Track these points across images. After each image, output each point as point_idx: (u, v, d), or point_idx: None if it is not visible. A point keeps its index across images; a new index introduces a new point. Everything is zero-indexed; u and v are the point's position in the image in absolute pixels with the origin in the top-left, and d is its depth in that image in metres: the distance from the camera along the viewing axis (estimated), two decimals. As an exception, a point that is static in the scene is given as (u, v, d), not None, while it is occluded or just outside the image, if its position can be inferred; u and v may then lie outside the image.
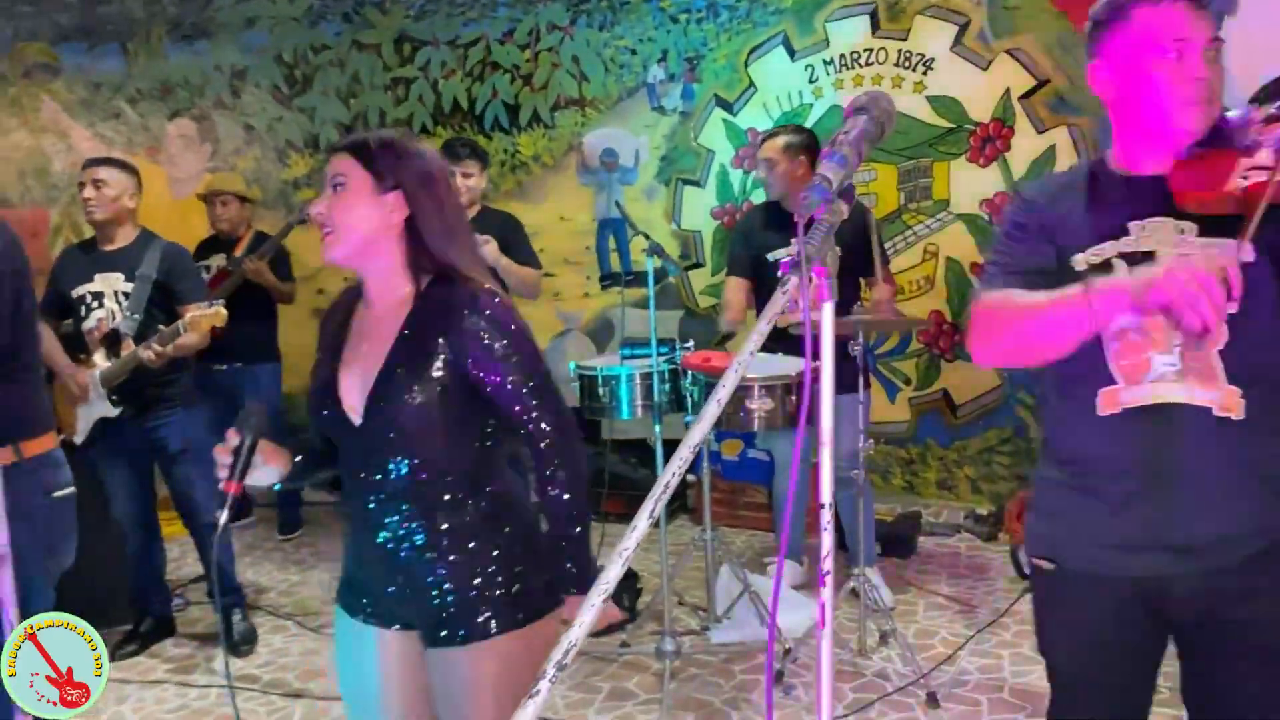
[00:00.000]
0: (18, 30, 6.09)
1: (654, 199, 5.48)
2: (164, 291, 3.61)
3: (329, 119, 5.91)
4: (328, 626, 4.02)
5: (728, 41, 5.21)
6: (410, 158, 1.77)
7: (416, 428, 1.70)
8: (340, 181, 1.73)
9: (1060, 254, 1.66)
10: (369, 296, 1.81)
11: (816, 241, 1.01)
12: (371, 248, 1.74)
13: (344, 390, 1.77)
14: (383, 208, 1.73)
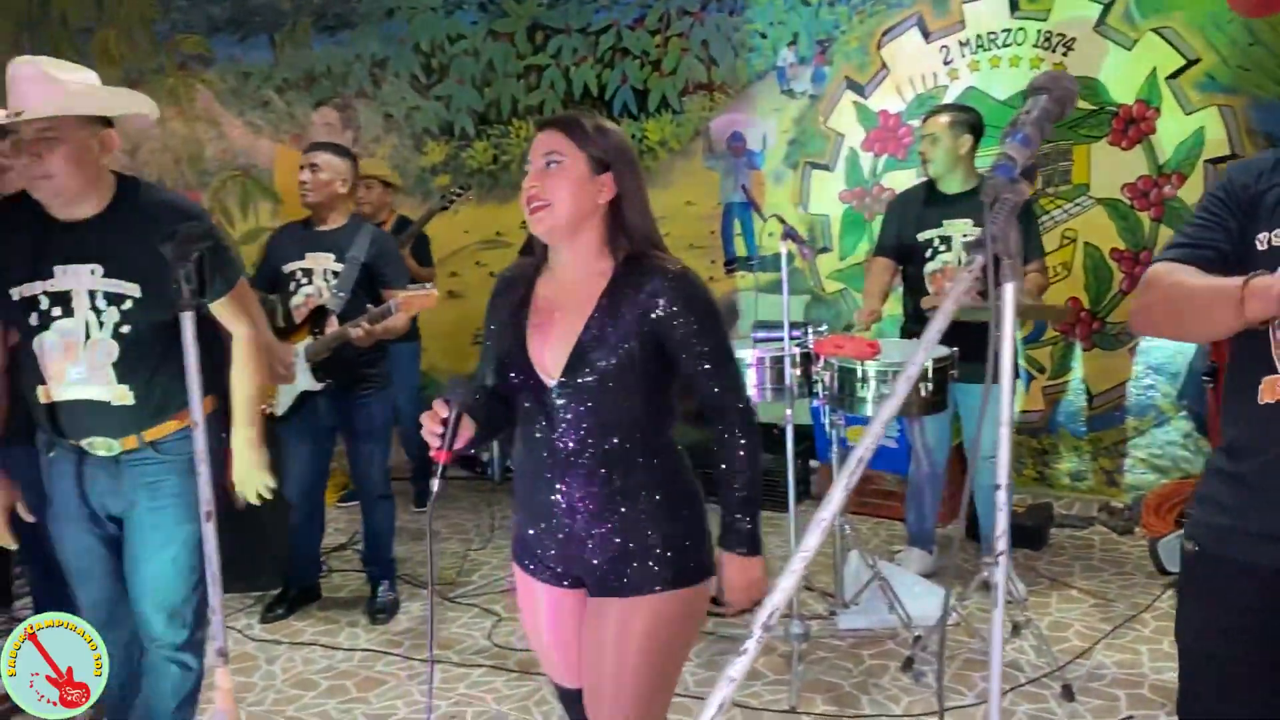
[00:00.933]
0: (174, 23, 6.43)
1: (781, 183, 5.47)
2: (369, 274, 3.78)
3: (464, 107, 6.06)
4: (462, 596, 4.17)
5: (860, 24, 5.15)
6: (619, 141, 1.87)
7: (608, 392, 1.82)
8: (557, 159, 1.81)
9: (1245, 233, 1.63)
10: (560, 268, 1.92)
11: (1001, 221, 1.02)
12: (578, 224, 1.84)
13: (535, 353, 1.89)
14: (595, 187, 1.84)
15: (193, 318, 1.53)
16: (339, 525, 5.01)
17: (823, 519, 0.86)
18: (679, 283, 1.83)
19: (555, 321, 1.89)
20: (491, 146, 6.07)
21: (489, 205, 6.05)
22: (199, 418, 1.52)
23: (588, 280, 1.88)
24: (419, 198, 6.02)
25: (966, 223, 3.90)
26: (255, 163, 6.43)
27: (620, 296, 1.84)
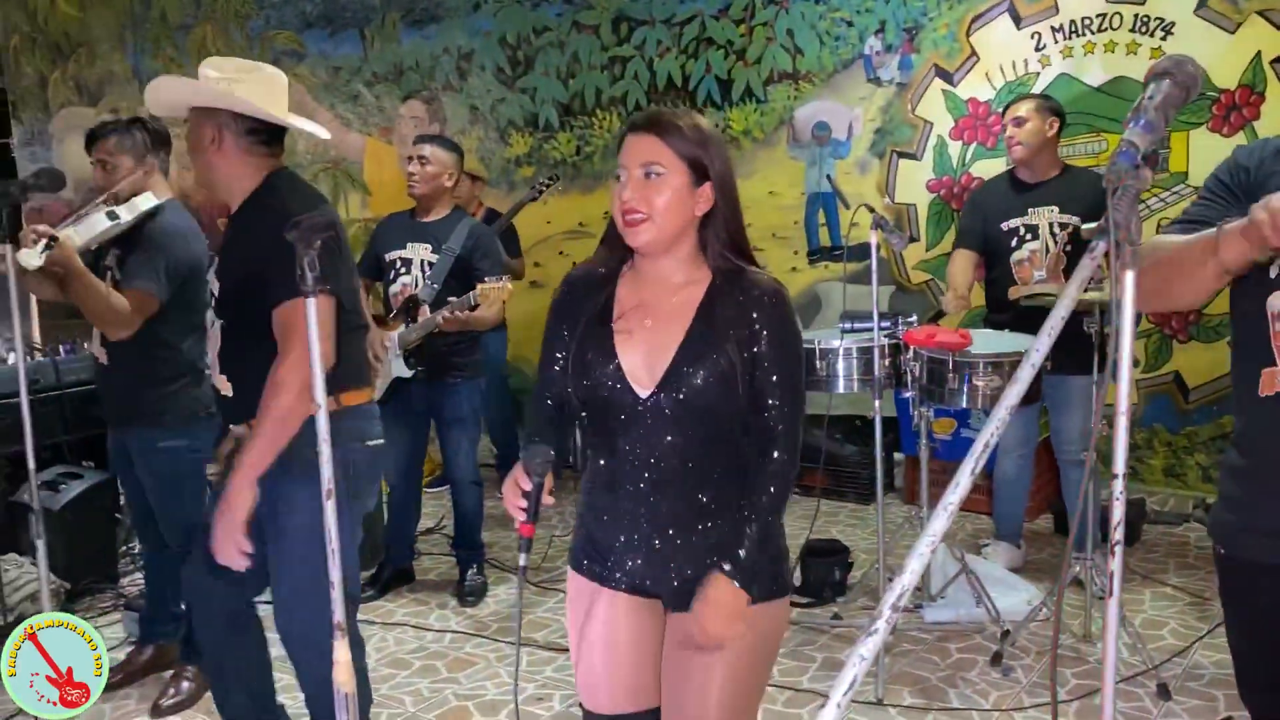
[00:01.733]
0: (268, 19, 6.61)
1: (867, 172, 5.42)
2: (464, 266, 3.86)
3: (548, 99, 6.13)
4: (548, 583, 4.23)
5: (949, 10, 5.08)
6: (719, 148, 1.79)
7: (702, 404, 1.76)
8: (658, 171, 1.74)
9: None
10: (651, 274, 1.85)
11: (1124, 208, 1.01)
12: (678, 234, 1.78)
13: (626, 360, 1.81)
14: (694, 199, 1.77)
15: (315, 304, 1.57)
16: (426, 509, 5.10)
17: (950, 503, 0.87)
18: (776, 300, 1.79)
19: (649, 330, 1.82)
20: (575, 138, 6.12)
21: (572, 195, 6.11)
22: (322, 399, 1.57)
23: (682, 288, 1.82)
24: (504, 189, 6.11)
25: (1053, 210, 3.84)
26: (345, 155, 6.57)
27: (718, 308, 1.79)
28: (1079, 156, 4.78)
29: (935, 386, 3.47)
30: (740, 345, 1.77)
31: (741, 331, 1.77)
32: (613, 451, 1.84)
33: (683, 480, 1.80)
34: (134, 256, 3.00)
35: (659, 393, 1.77)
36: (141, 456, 3.13)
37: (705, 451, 1.79)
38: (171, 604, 3.40)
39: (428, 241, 3.90)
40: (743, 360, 1.77)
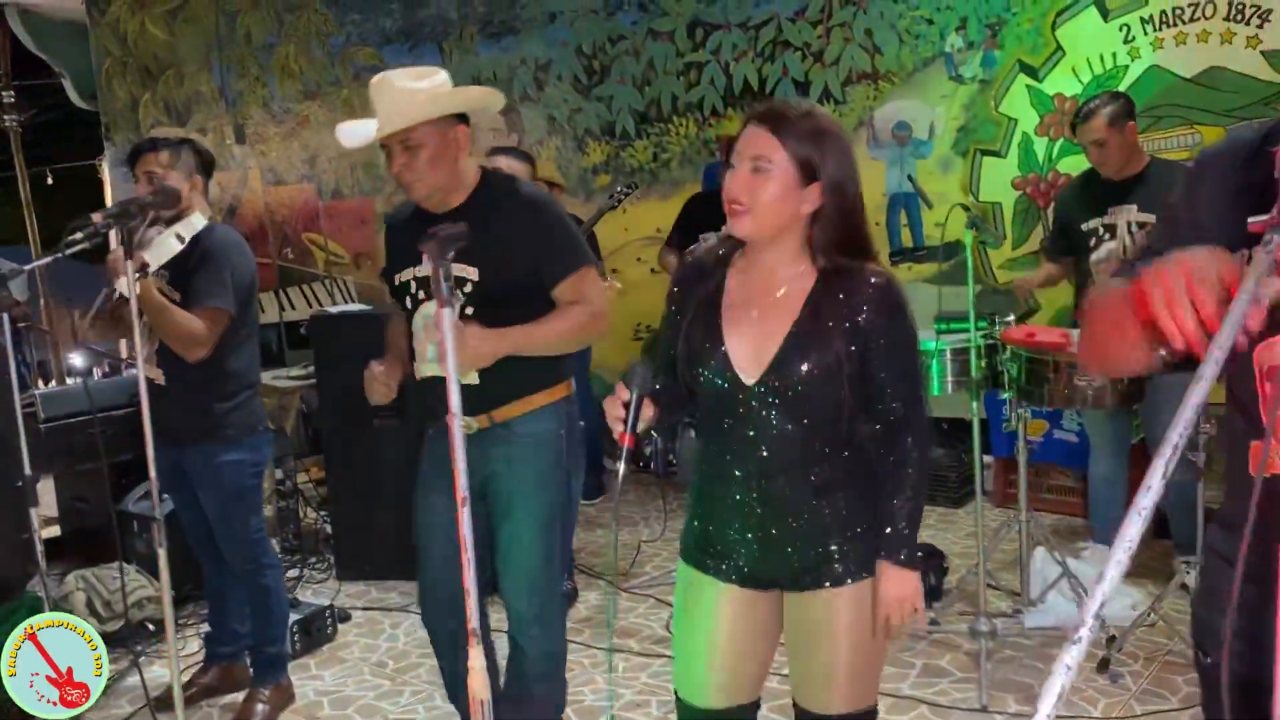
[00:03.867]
0: (349, 36, 6.74)
1: (949, 171, 5.34)
2: None
3: (625, 107, 6.15)
4: (637, 587, 4.24)
5: (1033, 4, 4.98)
6: (834, 146, 1.78)
7: (809, 395, 1.80)
8: (764, 167, 1.75)
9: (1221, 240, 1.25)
10: (756, 269, 1.88)
11: (1294, 203, 0.98)
12: (781, 230, 1.80)
13: (733, 350, 1.85)
14: (800, 197, 1.77)
15: (450, 314, 1.60)
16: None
17: (1144, 507, 0.85)
18: (885, 293, 1.80)
19: (756, 320, 1.85)
20: (652, 145, 6.13)
21: (649, 202, 6.12)
22: (457, 407, 1.59)
23: (791, 280, 1.84)
24: (582, 198, 6.14)
25: (1131, 209, 3.76)
26: (425, 167, 6.66)
27: (826, 301, 1.80)
28: (1173, 150, 4.66)
29: (1035, 387, 3.41)
30: (848, 339, 1.79)
31: (849, 325, 1.79)
32: (722, 438, 1.89)
33: (792, 464, 1.84)
34: (200, 275, 3.00)
35: (765, 382, 1.81)
36: (204, 473, 3.13)
37: (811, 435, 1.83)
38: (235, 622, 3.45)
39: None
40: (849, 354, 1.80)
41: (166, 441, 2.87)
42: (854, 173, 1.82)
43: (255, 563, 3.22)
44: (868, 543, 1.88)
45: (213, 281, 3.01)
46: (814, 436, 1.83)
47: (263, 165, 7.29)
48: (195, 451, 3.12)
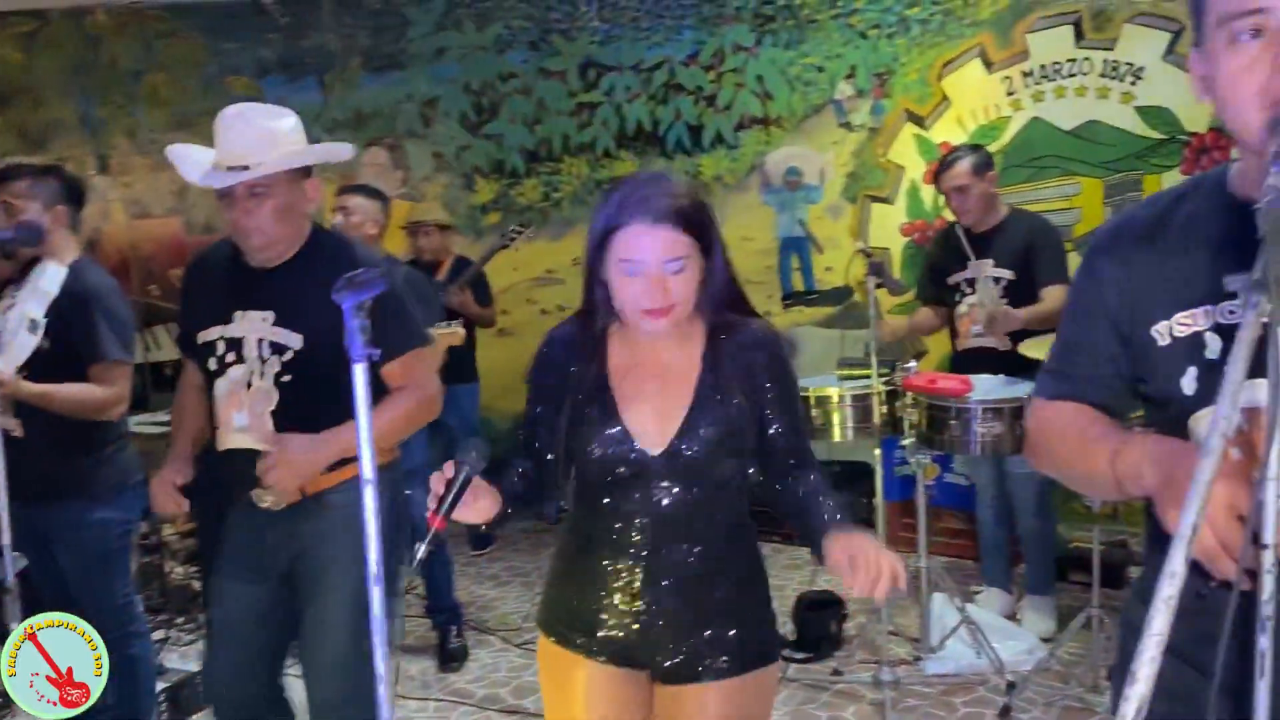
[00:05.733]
0: (223, 66, 6.45)
1: (839, 217, 5.40)
2: None
3: (515, 145, 6.04)
4: (531, 644, 4.06)
5: (920, 55, 5.10)
6: (710, 213, 1.77)
7: (713, 460, 1.76)
8: (679, 267, 1.69)
9: (1136, 321, 1.31)
10: (646, 338, 1.80)
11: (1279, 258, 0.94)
12: None
13: (635, 425, 1.77)
14: (702, 272, 1.75)
15: (365, 369, 1.45)
16: (398, 569, 4.93)
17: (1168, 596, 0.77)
18: (775, 348, 1.81)
19: (654, 392, 1.79)
20: (542, 184, 6.04)
21: (540, 242, 6.00)
22: (371, 474, 1.43)
23: (679, 344, 1.80)
24: (471, 237, 5.99)
25: (989, 263, 3.88)
26: (304, 203, 6.41)
27: (721, 359, 1.79)
28: (1053, 199, 4.81)
29: (935, 433, 3.41)
30: (747, 397, 1.77)
31: (746, 384, 1.78)
32: (607, 512, 1.80)
33: (685, 540, 1.78)
34: (89, 328, 2.76)
35: (672, 450, 1.75)
36: (67, 534, 2.84)
37: (710, 508, 1.78)
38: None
39: None
40: (750, 412, 1.77)
41: (23, 499, 2.54)
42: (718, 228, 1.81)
43: (121, 631, 2.93)
44: (750, 634, 1.82)
45: (104, 334, 2.76)
46: (711, 508, 1.78)
47: (127, 198, 6.89)
48: (59, 510, 2.82)
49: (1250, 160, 1.22)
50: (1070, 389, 1.41)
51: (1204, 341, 1.24)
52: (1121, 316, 1.34)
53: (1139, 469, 1.19)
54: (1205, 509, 0.90)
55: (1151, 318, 1.29)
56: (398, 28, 6.11)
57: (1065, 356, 1.43)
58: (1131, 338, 1.32)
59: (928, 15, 5.05)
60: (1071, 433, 1.37)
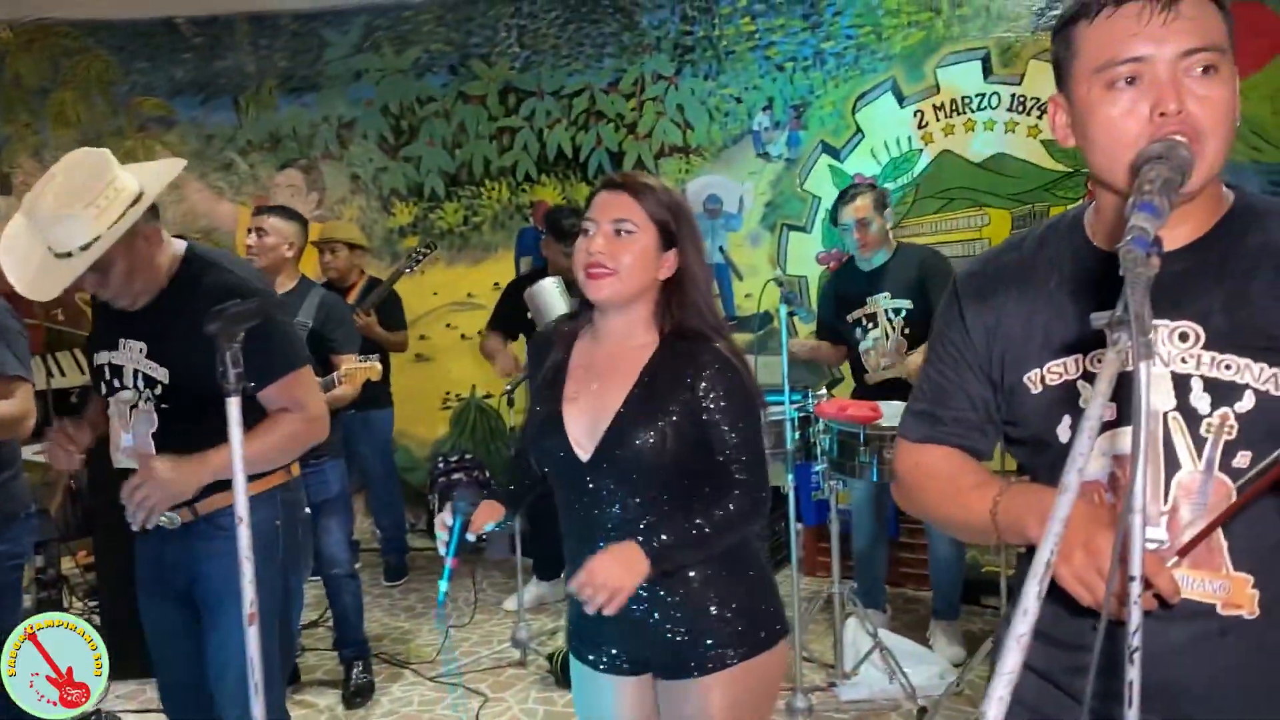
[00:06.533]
0: (135, 85, 6.30)
1: (759, 245, 5.46)
2: (318, 340, 3.62)
3: (434, 168, 6.00)
4: (445, 676, 4.00)
5: (835, 88, 5.20)
6: (687, 216, 1.83)
7: (645, 468, 1.75)
8: (629, 228, 1.77)
9: (1007, 368, 1.32)
10: (604, 336, 1.86)
11: (1139, 298, 0.97)
12: (635, 296, 1.80)
13: (571, 425, 1.81)
14: (660, 263, 1.80)
15: (238, 403, 1.41)
16: (306, 600, 4.79)
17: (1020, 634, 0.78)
18: (722, 363, 1.78)
19: (593, 393, 1.82)
20: (463, 208, 6.00)
21: (459, 266, 5.97)
22: (243, 511, 1.39)
23: (631, 352, 1.82)
24: (387, 259, 5.91)
25: (885, 295, 3.94)
26: (217, 225, 6.27)
27: (662, 371, 1.79)
28: (962, 230, 4.92)
29: (845, 460, 3.45)
30: (688, 408, 1.76)
31: (688, 395, 1.76)
32: (572, 516, 1.85)
33: (640, 541, 1.75)
34: None
35: (598, 457, 1.77)
36: None
37: (655, 512, 1.78)
38: None
39: None
40: (692, 423, 1.76)
41: None
42: (702, 246, 1.85)
43: None
44: (745, 622, 1.82)
45: (3, 351, 2.69)
46: (660, 513, 1.77)
47: None
48: None
49: (1109, 202, 1.25)
50: (940, 433, 1.41)
51: (1077, 390, 1.26)
52: (992, 363, 1.35)
53: (1022, 521, 1.21)
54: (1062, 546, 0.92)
55: (1022, 366, 1.30)
56: (315, 49, 6.03)
57: (933, 399, 1.42)
58: (1002, 384, 1.34)
59: (842, 49, 5.15)
60: (943, 479, 1.38)
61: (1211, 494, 1.17)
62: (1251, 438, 1.15)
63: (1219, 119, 1.16)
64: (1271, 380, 1.16)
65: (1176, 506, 1.19)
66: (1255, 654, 1.16)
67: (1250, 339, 1.16)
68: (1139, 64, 1.17)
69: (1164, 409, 1.20)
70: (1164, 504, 1.19)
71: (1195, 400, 1.18)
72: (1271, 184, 4.45)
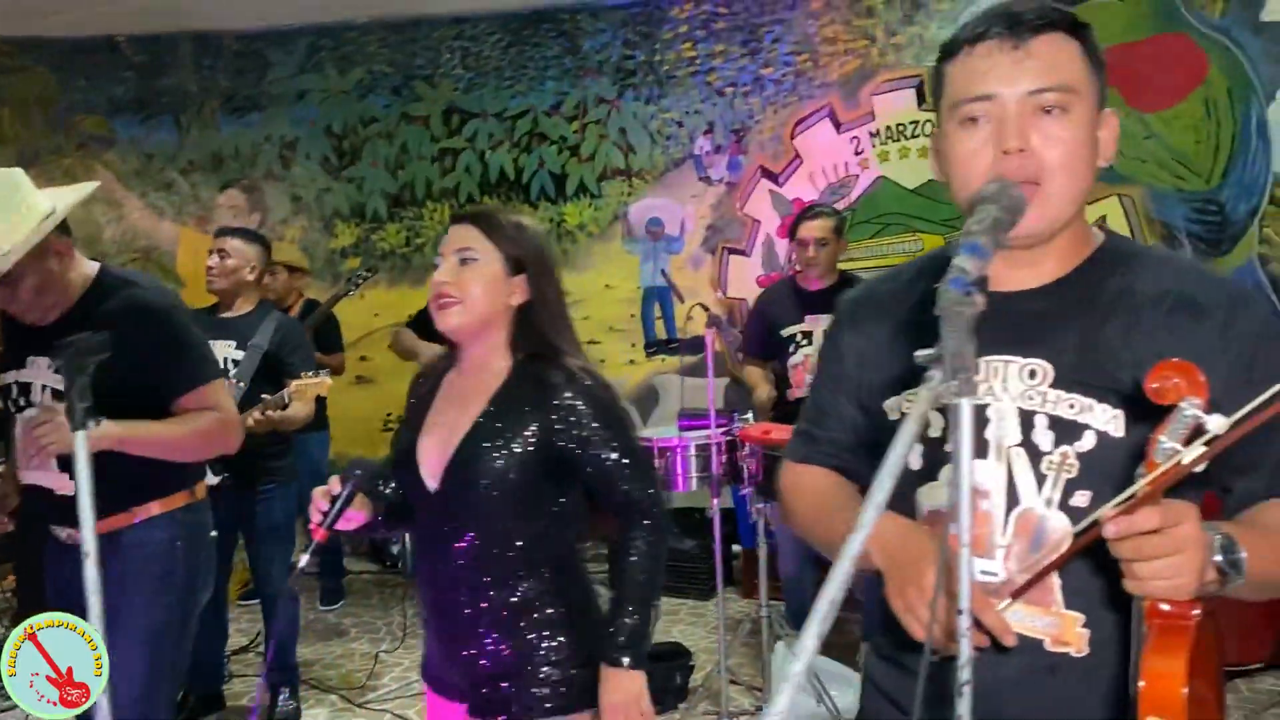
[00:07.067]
0: (74, 103, 6.24)
1: (700, 267, 5.49)
2: (273, 363, 3.60)
3: (377, 190, 5.98)
4: (374, 701, 3.96)
5: (774, 114, 5.25)
6: (538, 243, 1.84)
7: (490, 498, 1.72)
8: (472, 256, 1.77)
9: (872, 394, 1.35)
10: (464, 366, 1.85)
11: (958, 337, 0.98)
12: (486, 323, 1.79)
13: (423, 455, 1.80)
14: (508, 289, 1.79)
15: (85, 438, 1.40)
16: (240, 625, 4.73)
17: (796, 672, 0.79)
18: (577, 384, 1.74)
19: (447, 422, 1.80)
20: (405, 229, 5.98)
21: (401, 288, 5.94)
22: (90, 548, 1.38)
23: (486, 379, 1.81)
24: (329, 280, 5.88)
25: (829, 318, 3.94)
26: (157, 245, 6.22)
27: (512, 396, 1.76)
28: (896, 256, 4.97)
29: (769, 483, 3.46)
30: (542, 432, 1.73)
31: (541, 418, 1.73)
32: (422, 546, 1.83)
33: (481, 574, 1.75)
34: None
35: (445, 485, 1.75)
36: None
37: (501, 545, 1.74)
38: None
39: (231, 338, 3.65)
40: (546, 448, 1.73)
41: None
42: (555, 270, 1.85)
43: None
44: (568, 675, 1.76)
45: None
46: (504, 546, 1.74)
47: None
48: None
49: None
50: (816, 453, 1.43)
51: (928, 419, 1.27)
52: (861, 387, 1.38)
53: (868, 549, 1.22)
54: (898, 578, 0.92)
55: (885, 393, 1.33)
56: (258, 69, 6.01)
57: (813, 419, 1.46)
58: (869, 408, 1.36)
59: (781, 75, 5.21)
60: (813, 498, 1.40)
61: (1049, 531, 1.18)
62: (1091, 477, 1.17)
63: (1064, 159, 1.17)
64: (1113, 421, 1.17)
65: (1014, 541, 1.20)
66: (1084, 692, 1.17)
67: (1096, 380, 1.18)
68: (988, 102, 1.19)
69: (1009, 443, 1.21)
70: (1003, 538, 1.21)
71: (1039, 437, 1.20)
72: (1196, 212, 4.54)
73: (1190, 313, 1.19)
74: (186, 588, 2.38)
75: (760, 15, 5.24)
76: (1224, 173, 4.45)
